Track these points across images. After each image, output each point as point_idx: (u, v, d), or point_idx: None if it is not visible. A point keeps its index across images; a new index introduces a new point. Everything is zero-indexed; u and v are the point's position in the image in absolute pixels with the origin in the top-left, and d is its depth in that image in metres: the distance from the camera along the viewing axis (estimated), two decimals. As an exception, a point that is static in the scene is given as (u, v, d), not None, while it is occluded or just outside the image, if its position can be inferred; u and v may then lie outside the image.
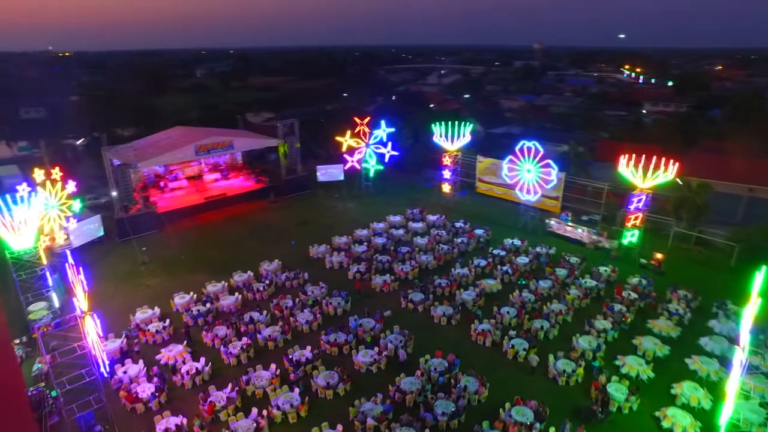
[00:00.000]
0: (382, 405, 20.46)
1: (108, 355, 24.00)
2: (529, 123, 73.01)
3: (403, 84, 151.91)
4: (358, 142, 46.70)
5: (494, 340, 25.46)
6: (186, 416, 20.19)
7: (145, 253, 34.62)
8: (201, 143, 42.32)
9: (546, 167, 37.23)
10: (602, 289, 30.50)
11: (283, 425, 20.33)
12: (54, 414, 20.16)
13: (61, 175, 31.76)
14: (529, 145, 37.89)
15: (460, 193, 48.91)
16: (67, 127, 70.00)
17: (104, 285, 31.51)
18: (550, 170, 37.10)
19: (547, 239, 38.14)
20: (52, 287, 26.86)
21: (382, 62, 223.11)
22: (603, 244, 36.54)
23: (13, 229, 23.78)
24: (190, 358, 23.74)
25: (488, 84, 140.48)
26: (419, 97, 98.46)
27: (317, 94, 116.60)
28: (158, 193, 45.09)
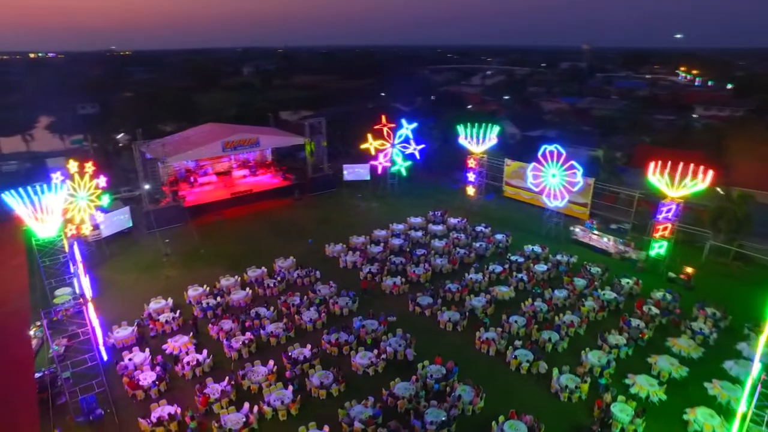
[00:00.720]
0: (372, 409, 20.23)
1: (119, 342, 25.11)
2: (566, 126, 70.46)
3: (447, 84, 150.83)
4: (383, 144, 46.59)
5: (498, 349, 24.68)
6: (181, 406, 20.74)
7: (167, 245, 35.86)
8: (228, 140, 43.45)
9: (570, 169, 35.70)
10: (622, 303, 28.97)
11: (273, 422, 20.49)
12: (62, 395, 21.09)
13: (93, 169, 33.43)
14: (551, 149, 36.56)
15: (487, 196, 47.89)
16: (115, 122, 73.72)
17: (127, 274, 32.93)
18: (575, 171, 35.53)
19: (571, 247, 36.68)
20: (73, 274, 28.23)
21: (427, 62, 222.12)
22: (630, 254, 34.76)
23: (39, 217, 25.13)
24: (194, 350, 24.34)
25: (532, 85, 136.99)
26: (457, 97, 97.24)
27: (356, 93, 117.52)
28: (188, 187, 46.65)
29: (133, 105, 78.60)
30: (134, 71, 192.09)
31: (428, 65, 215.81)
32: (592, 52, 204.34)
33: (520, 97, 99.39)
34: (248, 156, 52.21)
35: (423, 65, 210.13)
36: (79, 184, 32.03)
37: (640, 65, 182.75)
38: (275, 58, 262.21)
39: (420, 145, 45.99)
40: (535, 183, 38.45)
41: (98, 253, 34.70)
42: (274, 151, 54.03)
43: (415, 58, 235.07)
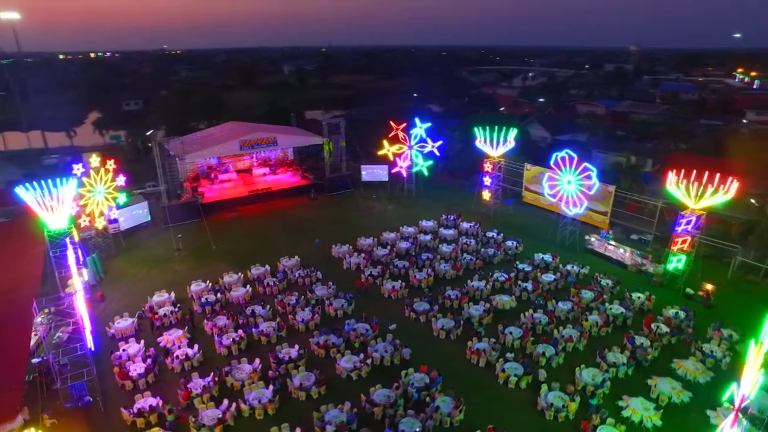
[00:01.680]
0: (347, 414, 20.03)
1: (118, 332, 26.03)
2: (598, 130, 67.73)
3: (484, 86, 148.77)
4: (401, 147, 46.28)
5: (489, 360, 23.92)
6: (165, 399, 21.23)
7: (180, 240, 36.91)
8: (245, 138, 44.31)
9: (585, 172, 34.15)
10: (630, 318, 27.49)
11: (249, 420, 20.65)
12: (58, 380, 22.00)
13: (114, 167, 34.94)
14: (563, 155, 35.18)
15: (506, 201, 46.67)
16: (152, 118, 76.88)
17: (138, 267, 34.14)
18: (590, 173, 33.94)
19: (585, 257, 35.21)
20: (83, 264, 29.55)
21: (468, 63, 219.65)
22: (646, 267, 32.97)
23: (50, 209, 26.42)
24: (186, 344, 24.89)
25: (573, 88, 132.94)
26: (490, 99, 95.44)
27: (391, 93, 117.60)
28: (209, 183, 47.93)
29: (169, 102, 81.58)
30: (181, 69, 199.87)
31: (468, 66, 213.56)
32: (643, 53, 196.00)
33: (555, 100, 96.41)
34: (270, 154, 53.10)
35: (463, 66, 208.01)
36: (98, 179, 33.49)
37: (694, 67, 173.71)
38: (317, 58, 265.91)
39: (437, 142, 45.33)
40: (552, 192, 37.01)
41: (114, 245, 36.12)
42: (296, 150, 54.69)
43: (455, 59, 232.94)
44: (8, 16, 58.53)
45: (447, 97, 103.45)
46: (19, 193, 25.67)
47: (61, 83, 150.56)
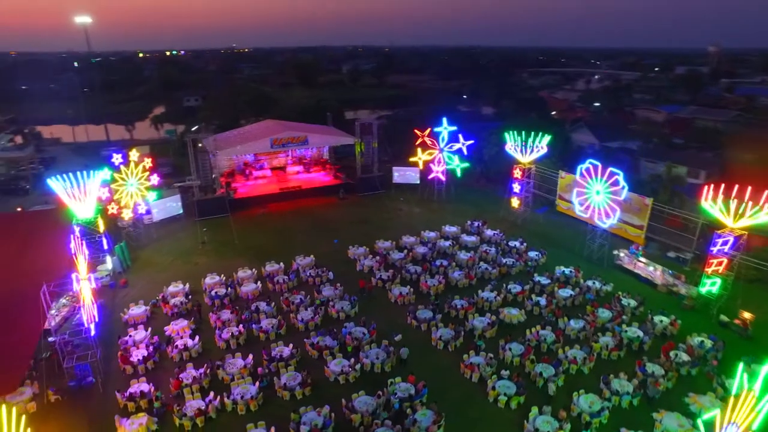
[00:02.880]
0: (324, 419, 19.96)
1: (131, 319, 27.45)
2: (653, 137, 63.27)
3: (543, 88, 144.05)
4: (431, 153, 45.64)
5: (482, 376, 22.99)
6: (157, 386, 22.14)
7: (205, 234, 38.41)
8: (276, 137, 45.35)
9: (612, 179, 31.96)
10: (647, 343, 25.43)
11: (231, 414, 21.09)
12: (64, 360, 23.41)
13: (150, 166, 36.99)
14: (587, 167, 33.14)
15: (539, 209, 44.79)
16: (205, 114, 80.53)
17: (164, 257, 35.87)
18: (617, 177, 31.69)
19: (611, 273, 33.07)
20: (107, 251, 31.45)
21: (529, 65, 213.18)
22: (678, 288, 30.44)
23: (78, 198, 28.37)
24: (188, 335, 25.81)
25: (638, 92, 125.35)
26: (542, 103, 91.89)
27: (442, 93, 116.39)
28: (243, 179, 49.55)
29: (221, 99, 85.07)
30: (244, 67, 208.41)
31: (530, 67, 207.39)
32: (725, 54, 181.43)
33: (611, 105, 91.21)
34: (305, 153, 54.08)
35: (524, 68, 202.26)
36: (132, 172, 35.49)
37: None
38: (378, 57, 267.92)
39: (468, 141, 44.23)
40: (581, 201, 35.02)
41: (146, 236, 38.16)
42: (332, 149, 55.34)
43: (517, 60, 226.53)
44: (82, 20, 63.19)
45: (498, 99, 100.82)
46: (50, 184, 27.69)
47: (136, 80, 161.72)
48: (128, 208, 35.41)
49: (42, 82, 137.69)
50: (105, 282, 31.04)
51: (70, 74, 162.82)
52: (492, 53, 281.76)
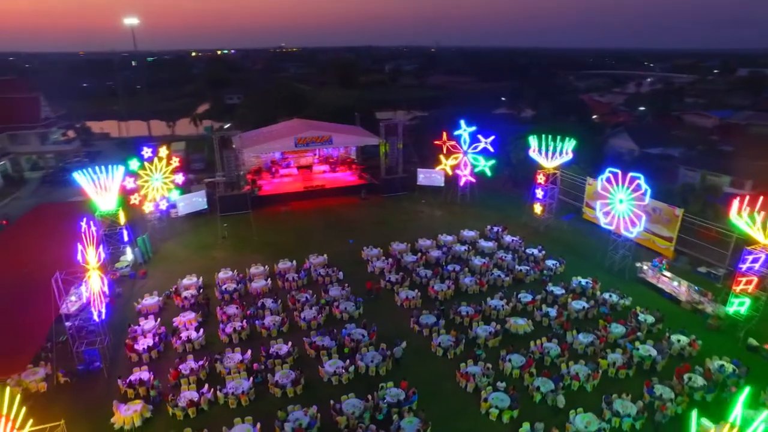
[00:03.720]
0: (309, 419, 20.01)
1: (143, 309, 28.51)
2: (698, 144, 59.64)
3: (591, 91, 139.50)
4: (456, 157, 44.95)
5: (478, 386, 22.37)
6: (156, 375, 22.90)
7: (225, 229, 39.41)
8: (300, 136, 45.95)
9: (637, 191, 30.31)
10: (660, 363, 23.97)
11: (222, 407, 21.48)
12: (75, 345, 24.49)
13: (177, 165, 38.39)
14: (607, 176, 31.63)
15: (565, 216, 43.29)
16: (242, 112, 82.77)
17: (184, 250, 37.09)
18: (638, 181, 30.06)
19: (633, 287, 31.45)
20: (127, 243, 32.81)
21: (578, 66, 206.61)
22: (704, 306, 28.55)
23: (101, 190, 29.77)
24: (194, 327, 26.52)
25: (691, 95, 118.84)
26: (582, 107, 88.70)
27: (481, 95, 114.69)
28: (269, 177, 50.53)
29: (257, 98, 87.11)
30: (289, 66, 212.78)
31: (579, 70, 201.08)
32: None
33: (657, 109, 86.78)
34: (332, 152, 54.54)
35: (572, 69, 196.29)
36: (158, 167, 36.86)
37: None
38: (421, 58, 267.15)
39: (490, 137, 43.38)
40: (604, 212, 33.47)
41: (169, 229, 39.57)
42: (359, 150, 55.55)
43: (566, 62, 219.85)
44: (130, 21, 66.39)
45: (538, 101, 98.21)
46: (75, 177, 29.18)
47: (186, 78, 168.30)
48: (150, 201, 36.65)
49: (101, 80, 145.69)
50: (125, 272, 32.44)
51: (126, 72, 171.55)
52: (540, 54, 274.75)
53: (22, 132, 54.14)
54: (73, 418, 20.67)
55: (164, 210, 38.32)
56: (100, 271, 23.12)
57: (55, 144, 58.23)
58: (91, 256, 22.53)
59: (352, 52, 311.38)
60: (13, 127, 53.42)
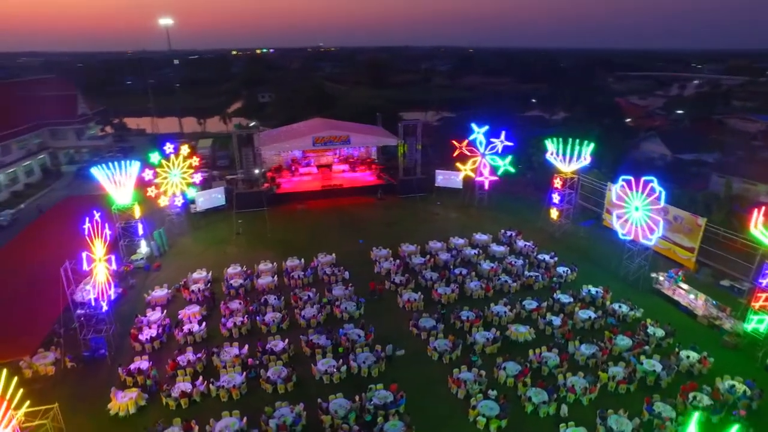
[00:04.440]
0: (294, 416, 20.19)
1: (153, 301, 29.47)
2: (739, 150, 56.48)
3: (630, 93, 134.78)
4: (474, 161, 44.33)
5: (469, 393, 21.99)
6: (155, 365, 23.63)
7: (240, 226, 40.24)
8: (318, 135, 46.35)
9: (655, 203, 29.10)
10: (665, 380, 22.89)
11: (213, 400, 21.92)
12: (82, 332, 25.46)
13: (197, 164, 39.54)
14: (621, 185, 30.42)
15: (585, 222, 41.99)
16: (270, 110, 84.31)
17: (199, 245, 38.12)
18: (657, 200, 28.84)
19: (646, 298, 30.20)
20: (142, 236, 33.97)
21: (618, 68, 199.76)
22: (721, 322, 27.07)
23: (117, 184, 30.97)
24: (197, 320, 27.20)
25: (740, 98, 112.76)
26: (616, 109, 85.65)
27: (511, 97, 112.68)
28: (289, 175, 51.25)
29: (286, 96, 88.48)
30: (324, 66, 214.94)
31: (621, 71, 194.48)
32: None
33: (698, 113, 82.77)
34: (353, 152, 54.79)
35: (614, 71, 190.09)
36: (176, 164, 37.99)
37: None
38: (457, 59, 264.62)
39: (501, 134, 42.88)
40: (618, 214, 32.30)
41: (188, 224, 40.75)
42: (380, 150, 55.59)
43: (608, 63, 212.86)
44: (165, 22, 68.77)
45: (571, 104, 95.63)
46: (93, 173, 30.46)
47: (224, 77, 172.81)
48: (166, 196, 37.71)
49: (144, 78, 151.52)
50: (139, 264, 33.63)
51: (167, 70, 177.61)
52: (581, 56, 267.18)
53: (60, 127, 57.08)
54: (74, 401, 21.68)
55: (178, 206, 39.27)
56: (105, 263, 24.01)
57: (90, 139, 61.02)
58: (97, 248, 23.42)
59: (388, 52, 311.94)
60: (52, 123, 56.35)
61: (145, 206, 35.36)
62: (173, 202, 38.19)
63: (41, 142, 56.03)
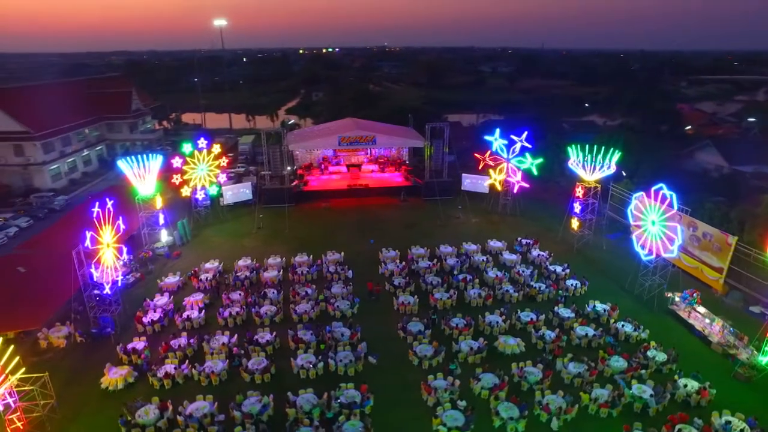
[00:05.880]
0: (260, 406, 20.91)
1: (164, 286, 31.40)
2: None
3: (705, 98, 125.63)
4: (501, 168, 43.28)
5: (439, 400, 21.70)
6: (150, 346, 25.29)
7: (261, 220, 41.82)
8: (344, 135, 47.09)
9: (671, 220, 27.18)
10: (653, 408, 21.38)
11: (194, 383, 23.14)
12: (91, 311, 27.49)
13: (227, 162, 41.60)
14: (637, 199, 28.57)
15: (612, 235, 39.81)
16: (318, 109, 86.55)
17: (220, 237, 40.05)
18: (676, 226, 26.95)
19: (660, 319, 28.32)
20: (163, 226, 36.20)
21: (692, 71, 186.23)
22: (737, 352, 24.83)
23: (140, 177, 33.28)
24: (198, 308, 28.70)
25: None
26: (675, 116, 79.95)
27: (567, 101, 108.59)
28: (319, 173, 52.47)
29: (334, 96, 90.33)
30: (384, 65, 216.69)
31: (697, 74, 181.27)
32: None
33: (765, 121, 75.25)
34: (384, 153, 55.17)
35: (689, 74, 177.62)
36: (204, 159, 40.11)
37: None
38: (521, 60, 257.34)
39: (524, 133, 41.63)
40: (635, 226, 30.45)
41: (213, 216, 42.90)
42: (412, 151, 55.55)
43: (680, 66, 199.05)
44: (219, 23, 72.67)
45: (630, 109, 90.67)
46: (119, 165, 32.92)
47: (285, 75, 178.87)
48: (188, 186, 39.80)
49: (210, 76, 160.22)
50: (160, 252, 35.90)
51: (233, 68, 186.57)
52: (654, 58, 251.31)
53: (115, 121, 61.97)
54: (73, 373, 23.77)
55: (200, 199, 41.24)
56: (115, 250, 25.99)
57: (142, 133, 65.66)
58: (106, 233, 25.40)
59: (452, 53, 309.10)
60: (109, 117, 61.33)
61: (172, 196, 37.63)
62: (195, 193, 40.26)
63: (99, 135, 61.13)
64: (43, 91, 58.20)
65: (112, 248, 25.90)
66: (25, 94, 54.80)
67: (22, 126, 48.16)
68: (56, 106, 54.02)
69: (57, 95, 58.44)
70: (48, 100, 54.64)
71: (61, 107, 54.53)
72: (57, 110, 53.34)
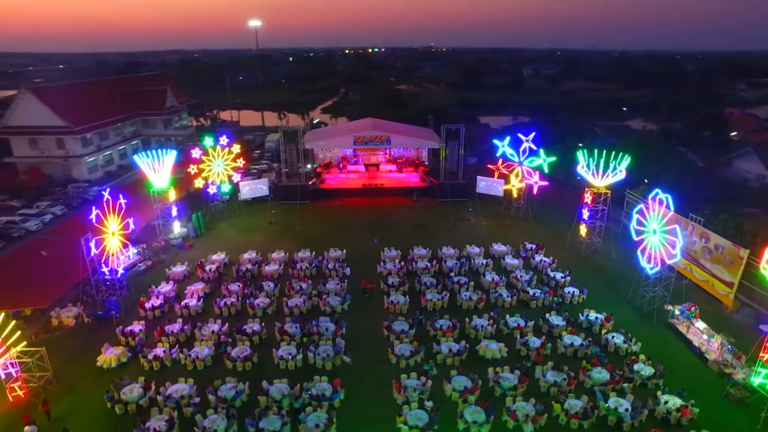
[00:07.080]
0: (235, 392, 21.85)
1: (172, 275, 33.09)
2: None
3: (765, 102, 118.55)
4: (517, 173, 42.71)
5: (408, 399, 21.91)
6: (146, 329, 26.85)
7: (273, 216, 43.12)
8: (359, 135, 47.71)
9: (672, 232, 26.11)
10: (627, 423, 20.70)
11: (181, 367, 24.38)
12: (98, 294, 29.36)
13: (244, 163, 43.31)
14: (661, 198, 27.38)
15: (625, 243, 38.37)
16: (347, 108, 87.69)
17: (232, 230, 41.64)
18: (676, 240, 25.87)
19: (660, 333, 27.32)
20: (175, 218, 38.06)
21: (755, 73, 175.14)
22: (733, 372, 23.58)
23: (155, 170, 35.21)
24: (197, 297, 30.11)
25: None
26: (721, 121, 75.59)
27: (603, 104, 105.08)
28: (337, 172, 53.40)
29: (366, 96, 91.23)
30: (426, 66, 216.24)
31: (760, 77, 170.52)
32: None
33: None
34: (403, 153, 55.45)
35: (747, 76, 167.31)
36: (221, 156, 41.84)
37: None
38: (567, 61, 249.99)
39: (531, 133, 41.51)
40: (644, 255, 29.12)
41: (229, 210, 44.63)
42: (431, 152, 55.50)
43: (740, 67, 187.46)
44: (254, 23, 75.18)
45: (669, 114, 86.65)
46: (135, 159, 34.94)
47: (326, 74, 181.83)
48: (202, 179, 41.58)
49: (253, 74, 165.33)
50: (174, 243, 37.79)
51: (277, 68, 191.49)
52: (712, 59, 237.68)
53: (151, 117, 65.42)
54: (75, 350, 25.63)
55: (212, 194, 42.86)
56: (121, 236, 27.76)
57: (176, 129, 68.92)
58: (111, 224, 27.17)
59: (498, 54, 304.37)
60: (145, 114, 64.87)
61: (181, 190, 39.44)
62: (207, 187, 42.00)
63: (135, 130, 64.71)
64: (83, 89, 62.55)
65: (117, 237, 27.62)
66: (67, 91, 58.94)
67: (63, 121, 51.80)
68: (95, 103, 57.87)
69: (96, 92, 62.45)
70: (87, 98, 58.69)
71: (99, 104, 58.34)
72: (95, 106, 57.09)
